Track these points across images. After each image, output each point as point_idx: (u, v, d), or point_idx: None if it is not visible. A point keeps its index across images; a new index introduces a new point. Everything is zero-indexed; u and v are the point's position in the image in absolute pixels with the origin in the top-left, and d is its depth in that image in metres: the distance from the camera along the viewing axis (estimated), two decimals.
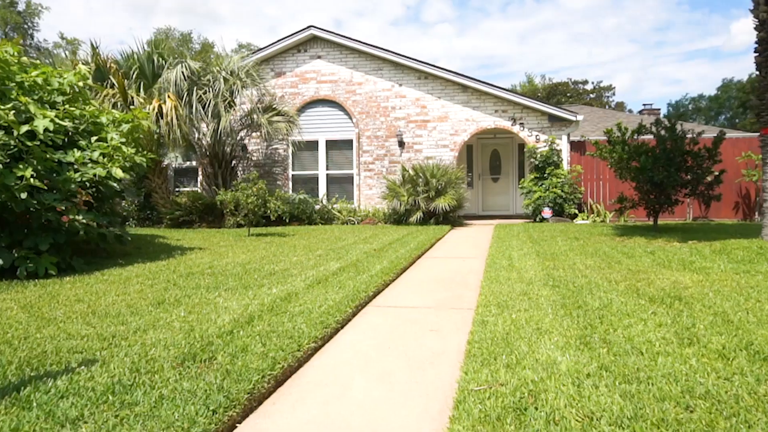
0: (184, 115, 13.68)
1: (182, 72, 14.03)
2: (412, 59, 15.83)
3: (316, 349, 4.05)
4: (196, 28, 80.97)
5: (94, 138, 7.72)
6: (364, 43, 16.09)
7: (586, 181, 15.26)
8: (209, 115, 13.90)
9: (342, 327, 4.65)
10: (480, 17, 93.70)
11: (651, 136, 12.10)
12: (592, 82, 58.21)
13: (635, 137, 12.18)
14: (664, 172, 11.03)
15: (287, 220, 15.15)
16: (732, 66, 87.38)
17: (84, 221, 7.02)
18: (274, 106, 15.25)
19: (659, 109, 28.50)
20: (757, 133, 12.01)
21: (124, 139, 7.96)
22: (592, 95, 56.66)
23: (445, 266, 7.95)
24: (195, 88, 14.04)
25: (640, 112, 27.91)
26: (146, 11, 77.33)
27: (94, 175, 7.17)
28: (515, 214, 17.59)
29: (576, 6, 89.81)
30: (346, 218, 15.42)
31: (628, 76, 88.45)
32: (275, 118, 14.79)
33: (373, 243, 9.98)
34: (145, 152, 8.58)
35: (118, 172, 7.31)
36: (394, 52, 15.89)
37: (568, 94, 53.75)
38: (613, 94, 59.04)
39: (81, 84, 7.96)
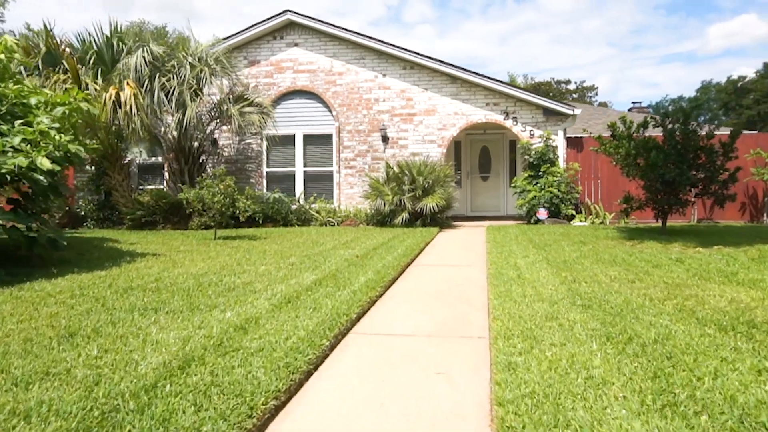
0: (145, 104, 12.31)
1: (144, 57, 12.65)
2: (397, 47, 14.65)
3: (278, 408, 2.82)
4: (171, 22, 78.85)
5: (18, 122, 6.38)
6: (344, 29, 14.86)
7: (583, 180, 14.23)
8: (173, 105, 12.55)
9: (315, 369, 3.43)
10: (461, 18, 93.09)
11: (654, 132, 11.10)
12: (575, 82, 57.75)
13: (641, 131, 11.16)
14: (676, 170, 10.00)
15: (260, 221, 13.84)
16: (707, 69, 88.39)
17: (1, 223, 5.69)
18: (246, 97, 13.93)
19: (649, 108, 27.73)
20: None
21: (57, 125, 6.62)
22: (575, 95, 56.09)
23: (440, 276, 6.76)
24: (158, 75, 12.67)
25: (630, 110, 27.09)
26: (123, 8, 75.08)
27: (15, 165, 5.84)
28: (506, 215, 16.50)
29: (556, 8, 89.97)
30: (325, 219, 14.17)
31: (607, 78, 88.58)
32: (247, 109, 13.48)
33: (355, 248, 8.76)
34: (91, 142, 7.28)
35: (45, 162, 5.98)
36: (377, 40, 14.68)
37: (551, 94, 53.05)
38: (596, 94, 58.58)
39: (3, 58, 6.61)
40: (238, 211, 10.61)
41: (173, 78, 12.67)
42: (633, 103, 27.93)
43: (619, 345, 3.48)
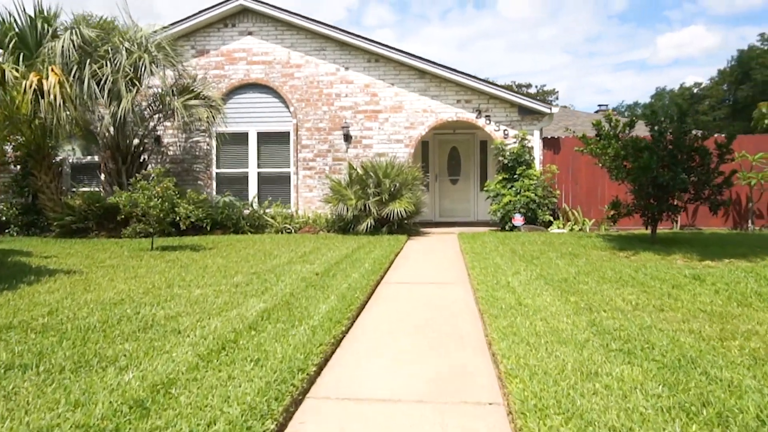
0: (73, 94, 10.73)
1: (72, 41, 11.06)
2: (361, 38, 13.42)
3: None
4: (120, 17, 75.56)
5: None
6: (303, 17, 13.55)
7: (560, 184, 13.28)
8: (106, 95, 10.99)
9: None
10: (420, 23, 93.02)
11: (639, 133, 10.19)
12: (536, 86, 57.62)
13: (627, 131, 10.23)
14: (669, 173, 9.07)
15: (208, 228, 12.39)
16: (658, 77, 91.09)
17: None
18: (192, 89, 12.46)
19: (615, 111, 27.26)
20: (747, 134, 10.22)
21: None
22: (536, 99, 55.89)
23: (419, 298, 5.55)
24: (89, 61, 11.10)
25: (596, 112, 26.54)
26: (79, 5, 71.54)
27: None
28: (477, 220, 15.44)
29: (514, 16, 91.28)
30: (281, 226, 12.80)
31: (564, 84, 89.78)
32: (193, 103, 12.02)
33: (314, 262, 7.47)
34: (13, 137, 5.79)
35: None
36: (339, 29, 13.42)
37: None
38: (557, 98, 58.58)
39: None
40: (178, 218, 9.17)
41: (107, 65, 11.11)
42: (599, 105, 27.44)
43: (710, 428, 2.32)
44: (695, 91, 56.10)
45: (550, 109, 12.95)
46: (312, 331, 3.92)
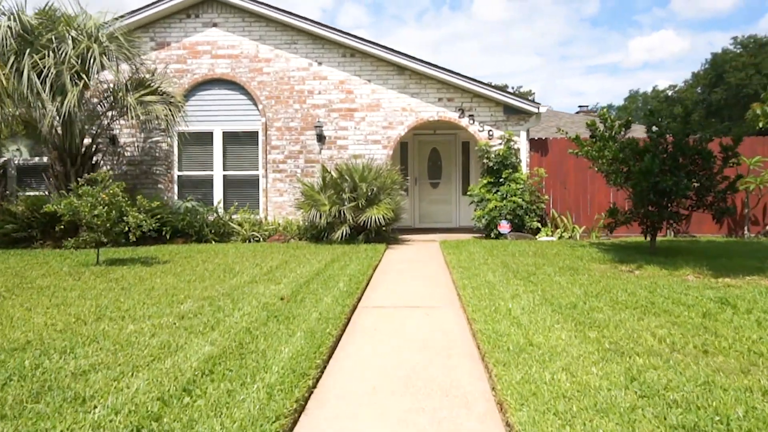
0: (11, 87, 9.55)
1: (11, 27, 9.88)
2: (335, 30, 12.44)
3: None
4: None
5: None
6: (273, 7, 12.51)
7: (548, 188, 12.47)
8: (48, 89, 9.81)
9: None
10: (395, 24, 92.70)
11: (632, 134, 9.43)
12: (512, 87, 57.20)
13: (623, 132, 9.46)
14: (672, 178, 8.30)
15: (168, 236, 11.29)
16: (628, 80, 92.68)
17: None
18: (149, 84, 11.34)
19: (596, 111, 26.79)
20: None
21: None
22: None
23: (403, 331, 4.60)
24: (29, 51, 9.92)
25: (577, 113, 25.97)
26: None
27: None
28: (459, 226, 14.58)
29: (488, 18, 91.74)
30: (248, 233, 11.74)
31: (538, 86, 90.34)
32: (149, 99, 10.90)
33: (281, 281, 6.47)
34: None
35: None
36: (312, 21, 12.42)
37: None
38: (533, 99, 58.26)
39: None
40: (128, 227, 8.08)
41: (50, 55, 9.94)
42: (579, 107, 26.87)
43: None
44: (670, 93, 56.38)
45: (538, 108, 12.14)
46: (268, 393, 2.95)
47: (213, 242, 11.49)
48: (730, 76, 46.18)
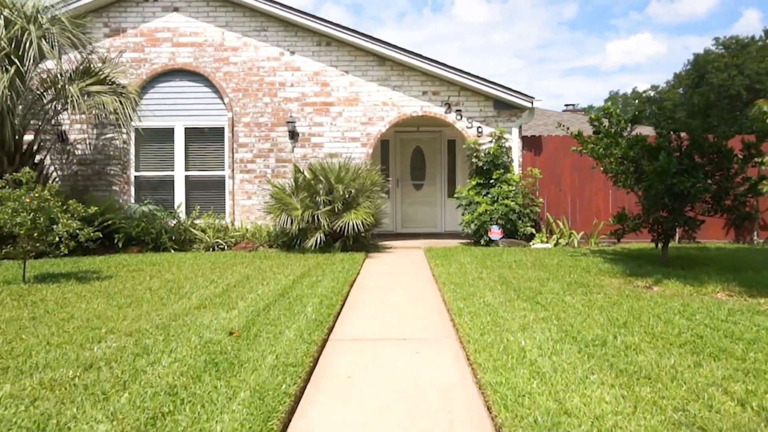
0: None
1: None
2: (309, 16, 11.27)
3: None
4: None
5: None
6: None
7: (542, 190, 11.43)
8: None
9: None
10: (375, 26, 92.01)
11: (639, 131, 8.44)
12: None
13: (629, 128, 8.46)
14: (690, 179, 7.30)
15: (120, 244, 10.03)
16: (606, 83, 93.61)
17: None
18: (98, 72, 10.06)
19: (582, 111, 26.05)
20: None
21: None
22: None
23: (388, 381, 3.47)
24: None
25: (564, 111, 25.10)
26: None
27: None
28: (444, 231, 13.49)
29: (469, 20, 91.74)
30: (212, 241, 10.52)
31: (517, 88, 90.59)
32: (95, 89, 9.63)
33: (236, 305, 5.30)
34: None
35: None
36: (282, 5, 11.22)
37: None
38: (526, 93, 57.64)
39: None
40: (58, 237, 6.81)
41: None
42: (566, 105, 26.01)
43: None
44: (652, 94, 56.12)
45: (532, 102, 11.10)
46: None
47: (172, 251, 10.25)
48: (712, 76, 45.90)
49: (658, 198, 7.51)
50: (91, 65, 10.10)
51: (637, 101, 58.16)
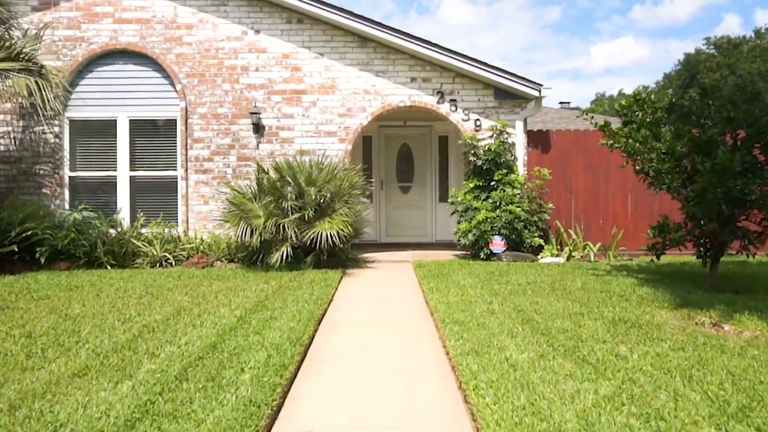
0: None
1: None
2: None
3: None
4: None
5: None
6: None
7: (550, 194, 9.75)
8: None
9: None
10: None
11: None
12: None
13: (665, 117, 6.84)
14: (756, 179, 5.68)
15: (43, 260, 8.22)
16: (589, 86, 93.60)
17: None
18: (10, 46, 8.20)
19: (577, 109, 24.58)
20: None
21: None
22: None
23: None
24: None
25: (560, 108, 23.59)
26: None
27: None
28: (435, 241, 11.78)
29: (454, 23, 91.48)
30: (159, 255, 8.71)
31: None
32: (8, 66, 7.79)
33: (139, 367, 3.54)
34: None
35: None
36: None
37: None
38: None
39: None
40: None
41: None
42: (560, 103, 24.55)
43: None
44: (642, 95, 55.01)
45: (539, 90, 9.43)
46: None
47: (108, 267, 8.43)
48: (704, 77, 44.89)
49: (713, 204, 5.87)
50: (4, 39, 8.24)
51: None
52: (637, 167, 6.70)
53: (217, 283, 6.89)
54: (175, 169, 9.76)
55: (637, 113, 6.75)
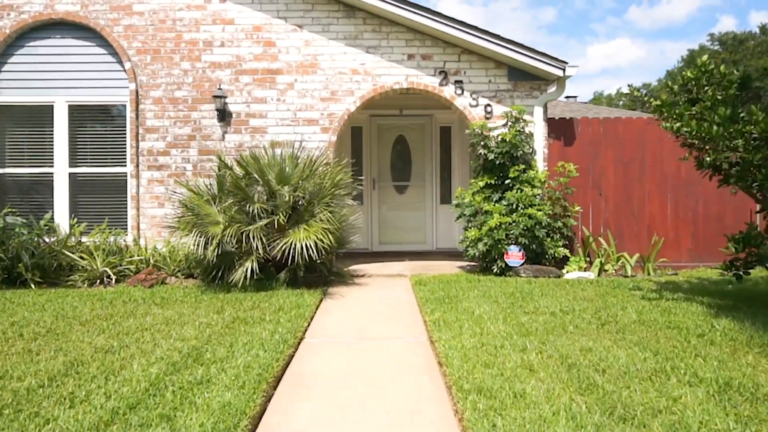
0: None
1: None
2: None
3: None
4: None
5: None
6: None
7: (576, 194, 8.10)
8: None
9: None
10: None
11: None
12: None
13: (735, 96, 5.23)
14: None
15: None
16: (585, 87, 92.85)
17: None
18: None
19: (585, 102, 23.20)
20: None
21: None
22: None
23: None
24: None
25: (566, 103, 22.04)
26: None
27: None
28: (436, 249, 10.13)
29: None
30: (100, 270, 7.04)
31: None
32: None
33: None
34: None
35: None
36: None
37: None
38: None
39: None
40: None
41: None
42: (566, 97, 22.97)
43: None
44: (643, 92, 53.66)
45: (564, 69, 7.79)
46: None
47: (33, 286, 6.77)
48: None
49: None
50: None
51: (623, 100, 55.68)
52: (707, 159, 5.07)
53: (156, 312, 5.24)
54: (124, 165, 8.09)
55: (706, 89, 5.13)
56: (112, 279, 7.05)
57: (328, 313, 5.45)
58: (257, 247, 6.28)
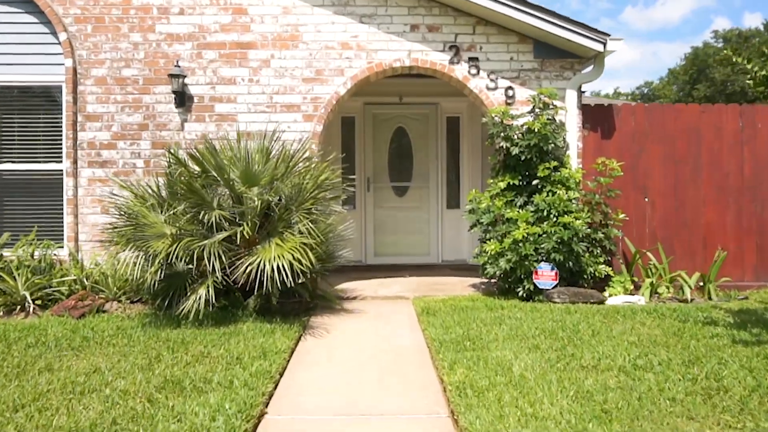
0: None
1: None
2: None
3: None
4: None
5: None
6: None
7: (622, 198, 6.55)
8: None
9: None
10: None
11: None
12: None
13: None
14: None
15: None
16: (597, 84, 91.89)
17: None
18: None
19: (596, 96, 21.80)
20: None
21: None
22: None
23: None
24: None
25: None
26: None
27: None
28: (442, 262, 8.60)
29: None
30: (21, 293, 5.48)
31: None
32: None
33: None
34: None
35: None
36: None
37: None
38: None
39: None
40: None
41: None
42: None
43: None
44: (645, 91, 52.34)
45: (604, 44, 6.27)
46: None
47: None
48: (714, 71, 42.25)
49: None
50: None
51: (624, 99, 54.52)
52: None
53: (65, 365, 3.71)
54: (59, 161, 6.52)
55: None
56: (38, 304, 5.50)
57: (305, 364, 3.93)
58: (215, 267, 4.74)
